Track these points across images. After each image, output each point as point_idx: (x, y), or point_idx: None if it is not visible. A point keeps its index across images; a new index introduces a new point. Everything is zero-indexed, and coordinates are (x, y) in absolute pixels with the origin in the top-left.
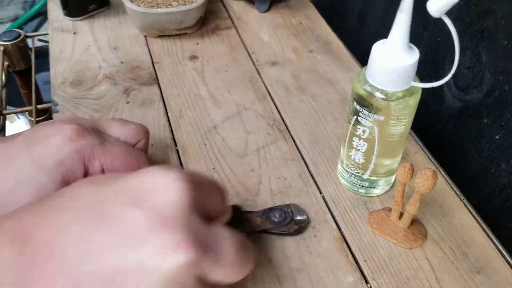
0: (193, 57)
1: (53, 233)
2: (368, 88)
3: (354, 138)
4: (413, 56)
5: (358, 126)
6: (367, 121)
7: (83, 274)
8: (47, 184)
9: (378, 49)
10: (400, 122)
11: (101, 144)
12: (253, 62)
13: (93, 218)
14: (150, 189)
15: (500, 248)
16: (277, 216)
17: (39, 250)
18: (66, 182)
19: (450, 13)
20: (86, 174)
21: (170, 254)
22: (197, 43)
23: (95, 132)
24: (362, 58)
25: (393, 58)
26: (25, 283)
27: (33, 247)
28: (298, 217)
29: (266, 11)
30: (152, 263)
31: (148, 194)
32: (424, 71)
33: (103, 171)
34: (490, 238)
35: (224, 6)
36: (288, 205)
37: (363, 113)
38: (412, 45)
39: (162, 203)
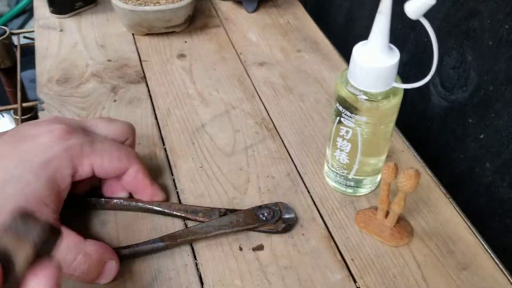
0: (181, 56)
1: None
2: (350, 90)
3: (338, 139)
4: (394, 57)
5: (341, 127)
6: (350, 122)
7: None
8: (33, 183)
9: (359, 50)
10: (383, 123)
11: (90, 143)
12: (241, 61)
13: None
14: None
15: (485, 245)
16: (265, 214)
17: None
18: (53, 180)
19: (436, 13)
20: (74, 173)
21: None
22: (185, 42)
23: (84, 131)
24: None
25: (374, 60)
26: None
27: None
28: (286, 215)
29: (254, 11)
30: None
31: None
32: (411, 71)
33: (92, 170)
34: (476, 235)
35: (213, 5)
36: (276, 204)
37: (345, 114)
38: (392, 46)
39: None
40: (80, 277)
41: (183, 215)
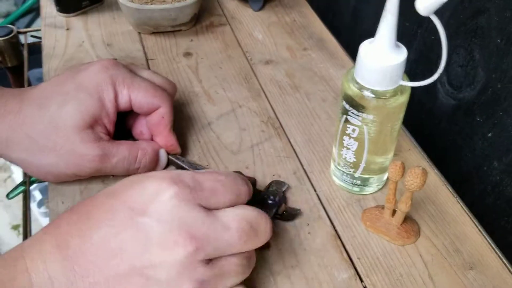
0: (188, 54)
1: (83, 239)
2: (357, 87)
3: (344, 137)
4: (401, 54)
5: (348, 125)
6: (356, 120)
7: (109, 270)
8: (87, 101)
9: (366, 48)
10: (390, 121)
11: (132, 77)
12: (247, 59)
13: (110, 226)
14: (148, 199)
15: (492, 244)
16: (271, 198)
17: (75, 253)
18: (102, 101)
19: (444, 11)
20: (116, 99)
21: (171, 250)
22: (192, 40)
23: (129, 70)
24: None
25: (381, 57)
26: (71, 278)
27: (71, 250)
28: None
29: (260, 9)
30: (160, 259)
31: (148, 204)
32: (418, 68)
33: (130, 101)
34: (483, 235)
35: (219, 3)
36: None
37: (352, 112)
38: (399, 44)
39: (160, 210)
40: (145, 169)
41: None
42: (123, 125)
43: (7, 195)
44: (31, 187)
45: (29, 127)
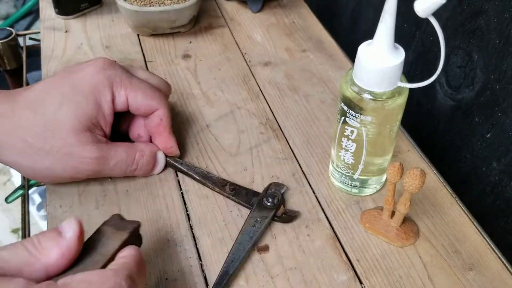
0: (186, 56)
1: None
2: (355, 89)
3: (343, 139)
4: (399, 56)
5: (346, 127)
6: (355, 121)
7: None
8: (84, 104)
9: (364, 50)
10: (388, 122)
11: (129, 78)
12: (246, 61)
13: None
14: None
15: (492, 245)
16: (270, 200)
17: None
18: (98, 103)
19: (442, 12)
20: (113, 100)
21: None
22: (190, 42)
23: (126, 70)
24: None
25: (379, 59)
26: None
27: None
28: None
29: (259, 11)
30: None
31: None
32: (417, 70)
33: (127, 102)
34: (482, 235)
35: (218, 5)
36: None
37: (350, 114)
38: (398, 45)
39: None
40: (142, 170)
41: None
42: (118, 126)
43: (6, 199)
44: (30, 191)
45: (24, 131)
